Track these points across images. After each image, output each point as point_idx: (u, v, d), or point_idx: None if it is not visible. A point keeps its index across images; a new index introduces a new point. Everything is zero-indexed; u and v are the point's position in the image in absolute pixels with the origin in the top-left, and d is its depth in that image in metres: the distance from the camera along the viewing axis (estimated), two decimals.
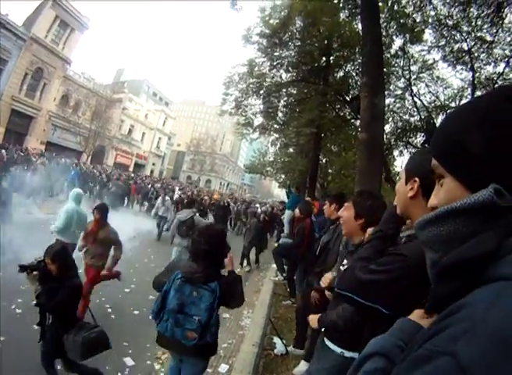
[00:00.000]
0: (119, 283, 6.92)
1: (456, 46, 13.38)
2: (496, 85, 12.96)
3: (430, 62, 14.42)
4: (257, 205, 25.38)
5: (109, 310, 5.71)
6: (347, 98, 14.70)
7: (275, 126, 18.54)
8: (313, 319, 2.60)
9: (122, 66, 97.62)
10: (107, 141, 41.51)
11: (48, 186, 16.14)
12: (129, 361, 4.31)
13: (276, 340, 5.23)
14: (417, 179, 1.41)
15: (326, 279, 2.58)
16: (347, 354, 2.26)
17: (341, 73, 15.52)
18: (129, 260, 8.70)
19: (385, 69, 13.70)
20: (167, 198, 14.92)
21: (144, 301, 6.39)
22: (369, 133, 7.35)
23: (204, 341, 2.71)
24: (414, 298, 1.14)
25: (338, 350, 2.33)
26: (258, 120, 18.28)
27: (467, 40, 12.80)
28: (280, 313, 6.69)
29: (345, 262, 2.46)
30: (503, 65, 12.93)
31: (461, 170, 0.70)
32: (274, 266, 8.96)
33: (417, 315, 0.99)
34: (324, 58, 15.01)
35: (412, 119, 15.70)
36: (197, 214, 8.32)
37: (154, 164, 57.28)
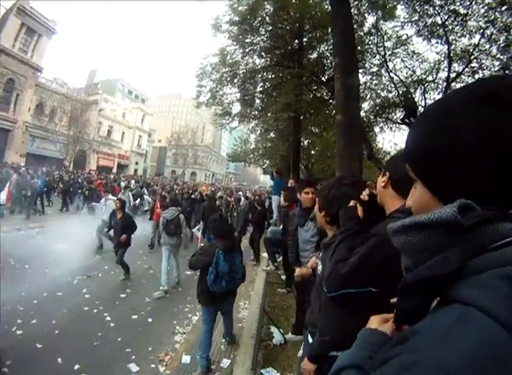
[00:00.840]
0: (114, 289, 6.99)
1: (430, 20, 13.43)
2: (472, 56, 13.18)
3: (404, 37, 14.42)
4: (240, 193, 25.27)
5: (108, 318, 5.72)
6: (323, 79, 14.71)
7: (254, 112, 18.47)
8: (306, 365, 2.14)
9: (95, 66, 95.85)
10: (87, 145, 40.88)
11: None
12: (133, 367, 4.35)
13: (273, 329, 5.29)
14: (387, 173, 1.70)
15: (311, 262, 2.68)
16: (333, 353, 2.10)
17: (315, 55, 15.48)
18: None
19: (359, 48, 13.74)
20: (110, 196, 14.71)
21: (141, 304, 6.50)
22: (345, 114, 7.36)
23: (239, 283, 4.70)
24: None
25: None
26: (236, 109, 18.25)
27: (441, 13, 12.86)
28: (275, 302, 6.73)
29: (321, 254, 2.38)
30: (478, 36, 12.97)
31: (429, 179, 0.69)
32: (265, 255, 8.98)
33: (376, 322, 1.02)
34: (296, 41, 14.94)
35: (390, 95, 15.78)
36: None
37: (137, 163, 56.78)
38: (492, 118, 0.59)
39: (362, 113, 15.84)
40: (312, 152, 25.61)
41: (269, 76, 16.91)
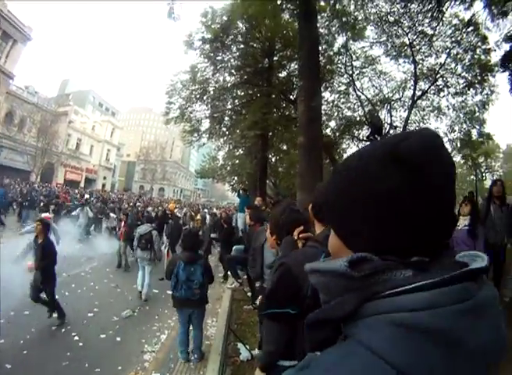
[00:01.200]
0: (82, 308, 6.96)
1: (398, 41, 14.02)
2: (438, 75, 13.86)
3: (372, 57, 15.04)
4: (206, 210, 25.45)
5: (76, 338, 5.73)
6: (291, 98, 15.04)
7: (223, 129, 18.62)
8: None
9: (67, 76, 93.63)
10: (55, 158, 39.71)
11: None
12: None
13: (240, 346, 5.38)
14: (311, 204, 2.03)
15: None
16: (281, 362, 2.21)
17: (284, 73, 15.94)
18: (88, 283, 8.74)
19: (328, 67, 14.14)
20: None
21: (109, 323, 6.52)
22: (307, 136, 7.61)
23: (202, 294, 5.08)
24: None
25: None
26: (205, 125, 18.29)
27: (409, 34, 13.46)
28: (242, 319, 6.85)
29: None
30: (444, 56, 13.64)
31: (338, 230, 0.74)
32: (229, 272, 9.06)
33: None
34: (267, 60, 15.33)
35: (356, 113, 16.27)
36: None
37: (105, 178, 55.71)
38: (391, 178, 0.62)
39: (329, 132, 16.23)
40: (280, 169, 25.83)
41: (239, 94, 17.13)
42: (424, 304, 0.55)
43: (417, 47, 13.82)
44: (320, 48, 13.47)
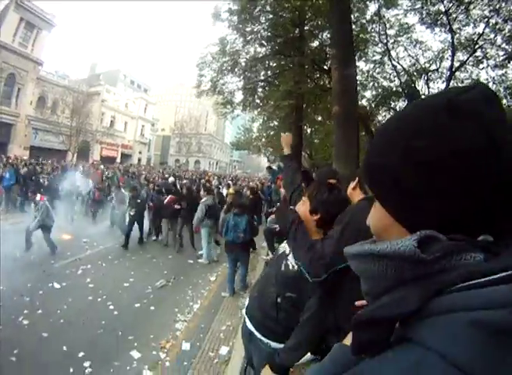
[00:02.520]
0: (118, 278, 7.12)
1: (433, 8, 13.27)
2: (477, 46, 13.06)
3: (407, 25, 14.27)
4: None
5: (111, 307, 5.87)
6: (325, 67, 14.60)
7: (257, 100, 18.34)
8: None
9: (95, 59, 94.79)
10: (90, 136, 40.69)
11: None
12: (135, 354, 4.51)
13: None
14: (357, 178, 2.00)
15: None
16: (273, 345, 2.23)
17: (316, 43, 15.36)
18: (125, 254, 8.92)
19: (361, 35, 13.62)
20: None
21: (144, 293, 6.62)
22: (342, 105, 7.38)
23: (245, 238, 6.61)
24: None
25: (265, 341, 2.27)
26: (238, 97, 18.07)
27: (444, 1, 12.68)
28: None
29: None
30: (482, 25, 12.81)
31: (389, 202, 0.62)
32: (265, 244, 9.06)
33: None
34: (297, 30, 14.75)
35: (392, 84, 15.63)
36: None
37: (140, 152, 56.61)
38: (454, 133, 0.52)
39: (364, 102, 15.75)
40: (315, 140, 25.49)
41: (271, 65, 16.74)
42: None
43: (454, 15, 12.99)
44: (352, 16, 13.03)
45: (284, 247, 2.40)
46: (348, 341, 0.90)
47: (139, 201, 10.22)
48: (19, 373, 3.90)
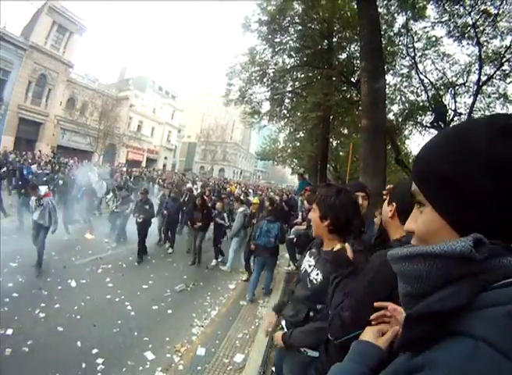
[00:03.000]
0: (137, 279, 7.16)
1: (460, 21, 12.97)
2: (504, 59, 12.76)
3: (434, 38, 14.02)
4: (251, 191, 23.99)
5: (129, 307, 5.88)
6: (352, 80, 14.55)
7: (283, 112, 18.35)
8: (277, 337, 2.47)
9: (125, 63, 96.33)
10: (117, 139, 41.20)
11: None
12: (149, 355, 4.50)
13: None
14: (394, 204, 1.72)
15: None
16: (310, 353, 2.28)
17: (344, 55, 15.30)
18: (145, 256, 8.95)
19: (389, 48, 13.50)
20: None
21: (162, 296, 6.64)
22: (370, 119, 7.31)
23: (275, 244, 7.02)
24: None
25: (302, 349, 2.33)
26: (265, 108, 18.15)
27: (471, 13, 12.41)
28: None
29: (311, 260, 2.44)
30: (510, 38, 12.51)
31: (445, 206, 0.66)
32: (287, 255, 8.98)
33: (371, 335, 1.05)
34: (326, 41, 14.77)
35: (419, 98, 15.34)
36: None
37: (166, 158, 57.15)
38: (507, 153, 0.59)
39: (391, 116, 15.58)
40: (341, 153, 25.36)
41: (299, 76, 16.79)
42: None
43: (481, 27, 12.68)
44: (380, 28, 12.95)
45: (305, 265, 2.46)
46: (367, 335, 1.06)
47: (147, 207, 9.27)
48: (30, 364, 3.93)
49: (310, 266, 2.39)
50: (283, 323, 2.59)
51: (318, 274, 2.28)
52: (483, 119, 0.67)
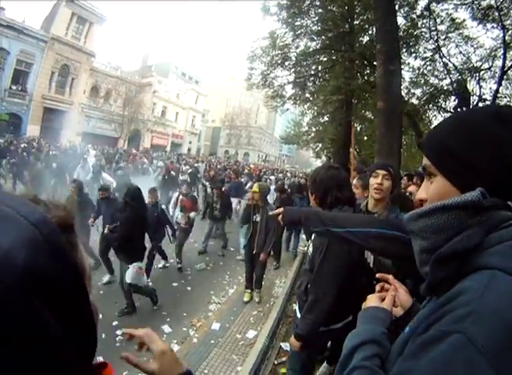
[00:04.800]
0: (159, 257, 7.36)
1: (485, 2, 12.51)
2: None
3: (458, 21, 13.47)
4: (272, 177, 22.71)
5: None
6: (375, 63, 14.29)
7: (307, 95, 18.17)
8: (292, 342, 2.48)
9: (147, 50, 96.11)
10: (141, 125, 42.09)
11: None
12: (166, 328, 4.76)
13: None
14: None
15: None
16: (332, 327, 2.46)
17: (366, 38, 14.93)
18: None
19: (411, 31, 13.22)
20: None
21: (183, 274, 6.92)
22: (386, 101, 7.27)
23: None
24: None
25: None
26: (288, 91, 17.99)
27: None
28: None
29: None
30: None
31: (453, 173, 0.81)
32: (303, 236, 9.06)
33: (375, 301, 1.15)
34: (347, 24, 14.49)
35: (442, 82, 14.88)
36: None
37: (190, 142, 57.63)
38: (502, 135, 0.76)
39: (414, 100, 15.28)
40: (365, 138, 25.02)
41: (321, 59, 16.56)
42: None
43: (505, 10, 12.13)
44: (402, 10, 12.45)
45: (310, 243, 2.59)
46: (372, 302, 1.15)
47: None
48: None
49: (310, 243, 2.54)
50: (296, 306, 2.79)
51: (310, 246, 2.48)
52: (482, 107, 0.93)
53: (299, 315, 2.54)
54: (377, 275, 1.30)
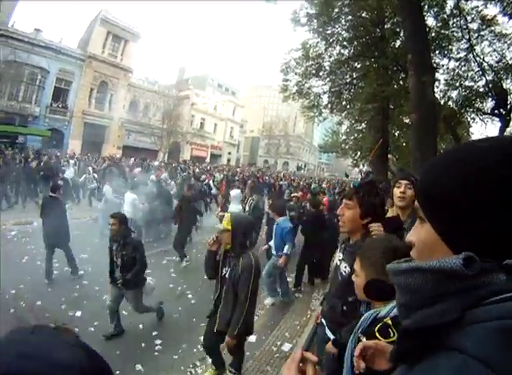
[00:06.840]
0: (199, 271, 7.54)
1: None
2: None
3: (489, 17, 13.06)
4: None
5: (189, 296, 6.40)
6: None
7: (343, 103, 18.11)
8: (328, 347, 2.35)
9: (183, 64, 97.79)
10: (180, 137, 43.19)
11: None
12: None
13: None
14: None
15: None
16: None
17: (398, 42, 14.75)
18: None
19: (443, 31, 12.95)
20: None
21: None
22: (419, 112, 7.21)
23: None
24: None
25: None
26: (324, 100, 17.97)
27: None
28: None
29: (340, 255, 2.61)
30: None
31: (442, 225, 0.71)
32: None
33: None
34: (378, 29, 14.51)
35: (477, 84, 14.37)
36: None
37: (229, 153, 58.40)
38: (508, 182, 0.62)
39: (451, 103, 14.89)
40: (403, 144, 24.57)
41: (356, 66, 16.56)
42: None
43: None
44: (432, 11, 12.29)
45: (336, 260, 2.66)
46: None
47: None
48: (94, 342, 4.28)
49: (340, 261, 2.57)
50: (323, 320, 2.75)
51: (346, 267, 2.45)
52: (484, 144, 0.70)
53: (331, 336, 2.48)
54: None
